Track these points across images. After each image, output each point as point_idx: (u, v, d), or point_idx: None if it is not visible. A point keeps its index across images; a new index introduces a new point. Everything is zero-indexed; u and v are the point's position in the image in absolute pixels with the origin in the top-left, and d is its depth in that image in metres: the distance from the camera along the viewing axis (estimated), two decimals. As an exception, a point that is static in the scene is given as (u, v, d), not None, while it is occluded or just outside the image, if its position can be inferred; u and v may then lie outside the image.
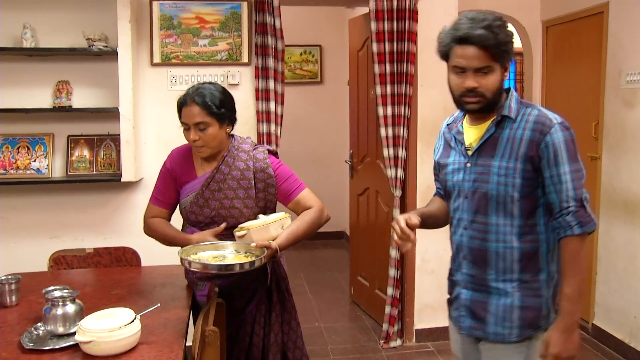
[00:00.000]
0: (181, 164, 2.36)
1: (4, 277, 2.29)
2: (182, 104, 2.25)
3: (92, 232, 3.53)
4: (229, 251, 2.22)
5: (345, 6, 5.16)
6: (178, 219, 2.46)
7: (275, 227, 2.24)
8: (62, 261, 2.86)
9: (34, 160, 3.40)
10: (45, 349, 1.84)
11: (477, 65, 1.73)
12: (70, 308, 1.96)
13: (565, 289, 1.72)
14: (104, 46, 3.29)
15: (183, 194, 2.35)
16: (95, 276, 2.70)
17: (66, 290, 2.06)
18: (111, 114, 3.36)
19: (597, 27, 3.95)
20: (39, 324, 2.00)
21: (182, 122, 2.25)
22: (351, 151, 4.70)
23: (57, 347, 1.85)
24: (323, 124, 6.77)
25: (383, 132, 3.71)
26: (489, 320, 1.82)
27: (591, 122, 4.14)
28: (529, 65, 4.65)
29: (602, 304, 3.86)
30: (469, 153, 1.85)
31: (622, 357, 3.62)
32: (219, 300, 2.23)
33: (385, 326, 3.89)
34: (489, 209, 1.79)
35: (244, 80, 3.57)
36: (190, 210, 2.32)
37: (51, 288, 2.16)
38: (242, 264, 2.07)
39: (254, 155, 2.34)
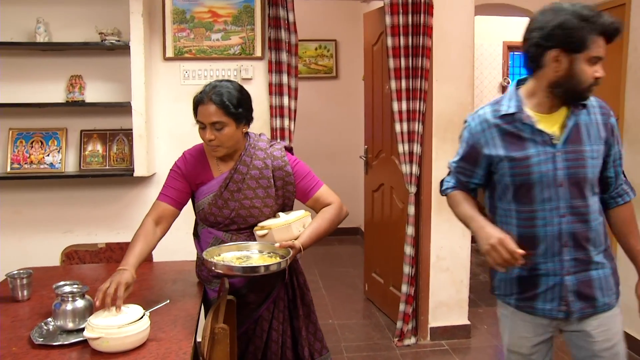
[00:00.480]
0: (195, 166, 2.31)
1: (15, 272, 2.29)
2: (198, 102, 2.18)
3: (105, 227, 3.53)
4: (252, 251, 2.20)
5: (360, 0, 5.10)
6: (182, 220, 2.41)
7: (297, 226, 2.21)
8: (74, 256, 2.86)
9: (48, 155, 3.40)
10: (55, 344, 1.83)
11: (604, 57, 1.82)
12: (80, 304, 1.95)
13: (637, 245, 1.97)
14: (116, 40, 3.27)
15: (200, 196, 2.30)
16: (107, 271, 2.68)
17: (76, 286, 2.04)
18: (124, 108, 3.34)
19: (619, 19, 3.86)
20: (49, 319, 2.00)
21: (197, 120, 2.20)
22: (366, 147, 4.66)
23: (66, 342, 1.84)
24: (338, 120, 6.73)
25: (398, 127, 3.66)
26: (597, 295, 1.91)
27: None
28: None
29: (623, 305, 3.75)
30: (554, 142, 1.85)
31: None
32: (230, 297, 2.20)
33: (399, 324, 3.85)
34: (586, 191, 1.88)
35: (257, 75, 3.54)
36: (209, 212, 2.28)
37: (61, 283, 2.14)
38: (267, 266, 2.04)
39: (271, 153, 2.30)
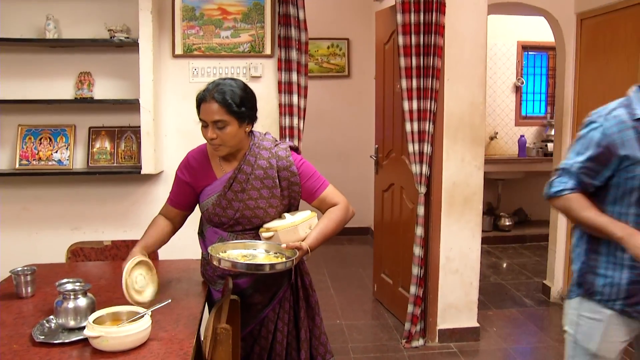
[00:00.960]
0: (198, 168, 2.28)
1: (19, 269, 2.28)
2: (201, 100, 2.16)
3: (112, 224, 3.52)
4: (259, 250, 2.18)
5: (373, -2, 5.07)
6: (188, 219, 2.42)
7: (304, 228, 2.18)
8: (79, 253, 2.85)
9: (56, 152, 3.40)
10: (56, 342, 1.81)
11: None
12: (82, 302, 1.94)
13: None
14: (125, 37, 3.26)
15: (203, 197, 2.28)
16: (112, 269, 2.68)
17: (78, 284, 2.03)
18: (132, 105, 3.33)
19: (635, 18, 3.78)
20: (51, 317, 1.99)
21: (200, 118, 2.18)
22: (376, 146, 4.61)
23: (67, 341, 1.82)
24: (350, 119, 6.69)
25: (408, 127, 3.61)
26: None
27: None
28: (562, 60, 4.48)
29: (635, 308, 3.70)
30: None
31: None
32: (234, 297, 2.18)
33: (407, 325, 3.81)
34: None
35: (266, 73, 3.51)
36: (213, 212, 2.25)
37: (64, 281, 2.13)
38: (272, 265, 2.02)
39: (276, 153, 2.27)
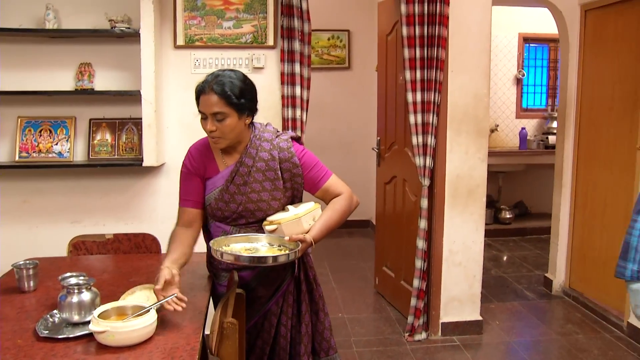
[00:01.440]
0: (201, 160, 2.25)
1: (22, 262, 2.25)
2: (200, 92, 2.12)
3: (113, 217, 3.49)
4: (261, 244, 2.15)
5: (374, -11, 5.02)
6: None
7: (307, 220, 2.15)
8: (81, 247, 2.82)
9: (56, 144, 3.36)
10: (60, 337, 1.79)
11: None
12: (86, 296, 1.91)
13: None
14: (126, 27, 3.22)
15: (206, 191, 2.25)
16: (114, 263, 2.65)
17: (82, 278, 2.00)
18: (133, 97, 3.29)
19: (640, 10, 3.76)
20: (54, 311, 1.96)
21: (199, 110, 2.14)
22: (378, 138, 4.58)
23: (71, 336, 1.80)
24: (350, 111, 6.66)
25: (412, 119, 3.58)
26: None
27: (630, 111, 3.95)
28: (565, 52, 4.45)
29: (638, 301, 3.69)
30: None
31: (659, 357, 3.47)
32: (239, 291, 2.15)
33: (410, 319, 3.79)
34: None
35: (269, 64, 3.47)
36: (215, 206, 2.22)
37: (67, 275, 2.11)
38: (275, 257, 1.99)
39: (277, 144, 2.23)
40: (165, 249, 2.76)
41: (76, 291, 1.90)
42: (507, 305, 4.38)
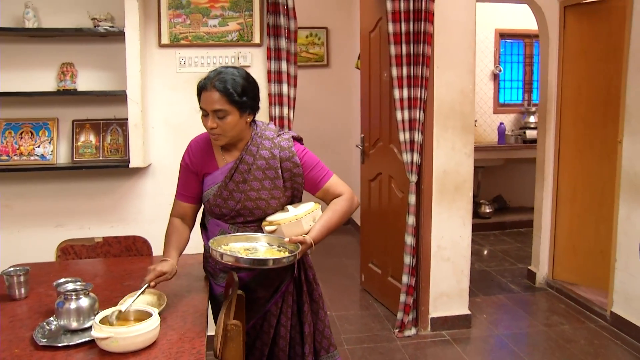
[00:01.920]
0: (201, 156, 2.22)
1: (12, 269, 2.18)
2: (201, 88, 2.09)
3: (98, 220, 3.41)
4: (261, 244, 2.12)
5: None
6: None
7: (307, 220, 2.13)
8: (70, 251, 2.75)
9: (38, 146, 3.27)
10: (60, 345, 1.73)
11: None
12: (85, 302, 1.86)
13: None
14: (110, 26, 3.15)
15: (205, 187, 2.23)
16: (106, 267, 2.59)
17: (79, 283, 1.95)
18: (117, 97, 3.23)
19: (621, 6, 3.82)
20: (51, 319, 1.91)
21: (200, 107, 2.11)
22: (362, 135, 4.58)
23: (72, 343, 1.75)
24: (330, 108, 6.66)
25: (399, 115, 3.58)
26: None
27: (611, 106, 4.03)
28: (545, 48, 4.51)
29: (622, 292, 3.77)
30: None
31: (643, 345, 3.55)
32: (239, 292, 2.13)
33: (399, 315, 3.80)
34: None
35: (255, 62, 3.44)
36: (214, 203, 2.20)
37: (62, 280, 2.06)
38: (275, 260, 1.97)
39: (278, 143, 2.21)
40: (156, 250, 2.73)
41: (74, 297, 1.85)
42: (492, 299, 4.43)
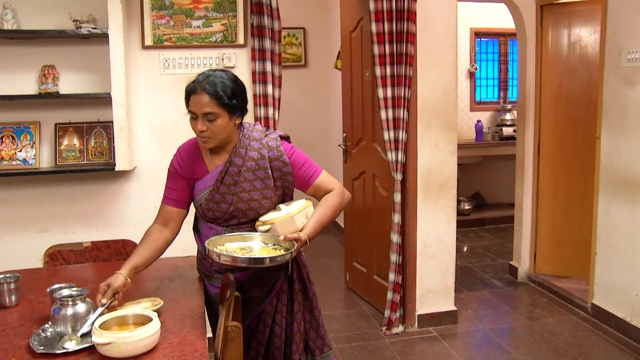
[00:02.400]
0: (190, 161, 2.21)
1: (1, 276, 2.14)
2: (190, 92, 2.07)
3: (83, 224, 3.36)
4: (256, 242, 2.12)
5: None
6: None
7: (300, 218, 2.14)
8: (58, 256, 2.70)
9: (20, 151, 3.21)
10: (58, 352, 1.71)
11: None
12: (81, 307, 1.84)
13: None
14: (92, 28, 3.10)
15: (196, 192, 2.21)
16: (96, 271, 2.56)
17: (74, 289, 1.92)
18: (101, 100, 3.18)
19: (597, 4, 3.91)
20: (46, 325, 1.87)
21: (189, 110, 2.10)
22: (344, 135, 4.60)
23: (71, 350, 1.72)
24: (308, 109, 6.66)
25: (383, 114, 3.61)
26: None
27: (591, 102, 4.13)
28: (522, 46, 4.59)
29: (602, 284, 3.86)
30: None
31: (624, 335, 3.63)
32: (236, 293, 2.12)
33: (387, 312, 3.83)
34: None
35: (240, 63, 3.43)
36: (206, 207, 2.19)
37: (56, 286, 2.04)
38: (272, 258, 1.97)
39: (266, 143, 2.21)
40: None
41: (70, 303, 1.82)
42: (476, 295, 4.49)
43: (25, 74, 3.21)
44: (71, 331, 1.79)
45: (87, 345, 1.73)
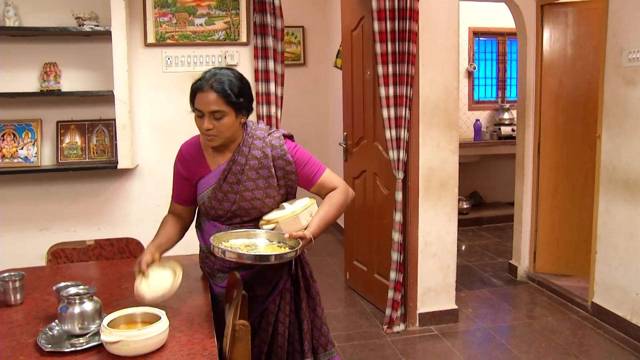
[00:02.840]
0: (192, 161, 2.21)
1: (6, 274, 2.13)
2: (197, 89, 2.06)
3: (84, 222, 3.35)
4: (261, 240, 2.12)
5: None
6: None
7: (305, 216, 2.13)
8: (61, 254, 2.69)
9: (21, 148, 3.19)
10: (67, 350, 1.70)
11: None
12: (88, 306, 1.82)
13: None
14: (95, 25, 3.09)
15: (199, 190, 2.21)
16: (100, 270, 2.55)
17: (81, 287, 1.92)
18: (102, 97, 3.18)
19: (597, 4, 3.93)
20: (53, 324, 1.86)
21: (195, 108, 2.08)
22: (345, 133, 4.60)
23: (79, 348, 1.71)
24: (307, 107, 6.65)
25: (385, 113, 3.61)
26: None
27: (590, 101, 4.14)
28: (523, 45, 4.59)
29: (602, 282, 3.87)
30: None
31: (624, 334, 3.64)
32: (243, 292, 2.12)
33: (388, 311, 3.83)
34: None
35: (242, 61, 3.43)
36: (209, 205, 2.18)
37: (62, 284, 2.02)
38: (277, 255, 1.96)
39: (269, 142, 2.21)
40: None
41: (77, 301, 1.81)
42: (476, 293, 4.49)
43: (27, 72, 3.20)
44: (78, 329, 1.79)
45: (96, 343, 1.72)
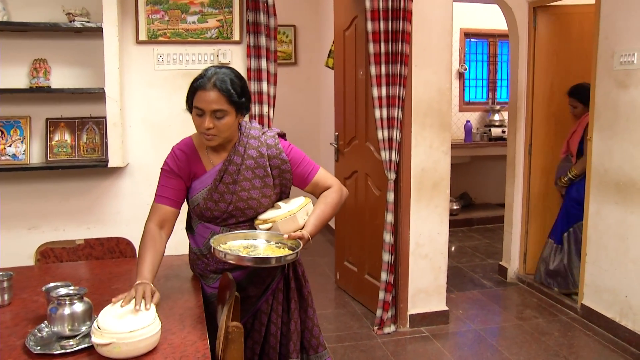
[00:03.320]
0: (187, 161, 2.16)
1: (-7, 274, 2.09)
2: (198, 88, 2.02)
3: (73, 221, 3.31)
4: (260, 241, 2.10)
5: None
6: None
7: (301, 215, 2.12)
8: (50, 254, 2.65)
9: (10, 146, 3.14)
10: (56, 353, 1.67)
11: None
12: (79, 307, 1.78)
13: None
14: (86, 21, 3.05)
15: (193, 192, 2.17)
16: (90, 269, 2.51)
17: (71, 288, 1.88)
18: (93, 95, 3.14)
19: (589, 7, 3.94)
20: (42, 325, 1.83)
21: (195, 106, 2.05)
22: (336, 134, 4.58)
23: (69, 350, 1.68)
24: (298, 106, 6.63)
25: (377, 113, 3.60)
26: None
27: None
28: (515, 47, 4.60)
29: (592, 284, 3.89)
30: None
31: (613, 336, 3.66)
32: (236, 294, 2.09)
33: (379, 312, 3.82)
34: None
35: (235, 60, 3.41)
36: (204, 207, 2.15)
37: (52, 285, 1.98)
38: (278, 258, 1.94)
39: (265, 141, 2.19)
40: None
41: (67, 302, 1.78)
42: (467, 295, 4.50)
43: (16, 68, 3.15)
44: (68, 331, 1.75)
45: (86, 345, 1.69)
